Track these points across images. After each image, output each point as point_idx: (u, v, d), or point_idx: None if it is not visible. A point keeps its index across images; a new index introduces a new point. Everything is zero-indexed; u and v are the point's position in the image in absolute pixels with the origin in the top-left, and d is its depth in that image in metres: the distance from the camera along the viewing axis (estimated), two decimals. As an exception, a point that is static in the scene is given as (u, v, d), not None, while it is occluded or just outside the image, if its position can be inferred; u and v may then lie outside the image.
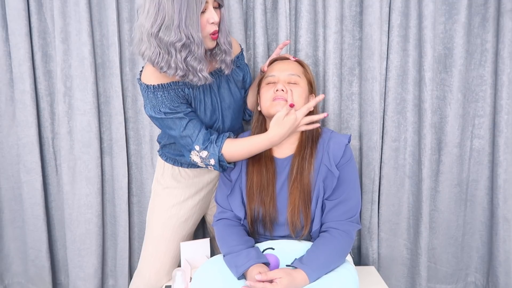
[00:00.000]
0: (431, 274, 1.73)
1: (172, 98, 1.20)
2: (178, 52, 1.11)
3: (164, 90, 1.20)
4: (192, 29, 1.09)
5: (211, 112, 1.29)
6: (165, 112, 1.20)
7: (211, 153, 1.21)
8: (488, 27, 1.56)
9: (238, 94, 1.36)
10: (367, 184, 1.64)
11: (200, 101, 1.27)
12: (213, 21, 1.13)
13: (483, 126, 1.63)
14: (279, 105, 1.20)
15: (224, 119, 1.33)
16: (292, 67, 1.28)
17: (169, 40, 1.09)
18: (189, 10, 1.07)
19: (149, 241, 1.44)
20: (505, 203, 1.59)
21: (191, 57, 1.13)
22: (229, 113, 1.34)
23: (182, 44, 1.10)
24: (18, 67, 1.61)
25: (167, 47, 1.11)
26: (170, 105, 1.20)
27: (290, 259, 1.16)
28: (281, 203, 1.24)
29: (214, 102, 1.29)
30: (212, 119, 1.30)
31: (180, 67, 1.13)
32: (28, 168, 1.68)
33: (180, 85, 1.22)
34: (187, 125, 1.21)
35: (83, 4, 1.54)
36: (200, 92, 1.26)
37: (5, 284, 1.83)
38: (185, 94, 1.23)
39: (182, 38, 1.09)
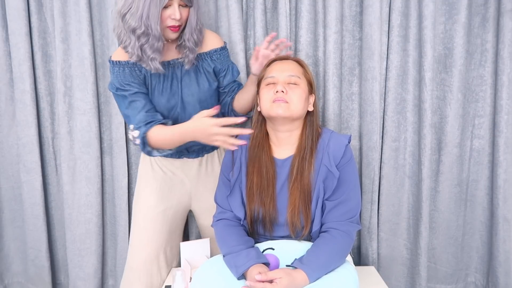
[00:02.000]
0: (431, 274, 1.73)
1: (125, 75, 1.29)
2: (136, 38, 1.20)
3: (120, 66, 1.29)
4: (152, 22, 1.17)
5: (168, 96, 1.33)
6: (116, 88, 1.30)
7: (139, 134, 1.26)
8: (488, 27, 1.56)
9: (206, 85, 1.37)
10: (367, 184, 1.64)
11: (157, 83, 1.32)
12: (174, 18, 1.21)
13: (483, 126, 1.63)
14: (280, 107, 1.21)
15: (186, 105, 1.35)
16: (291, 68, 1.28)
17: (131, 25, 1.19)
18: (152, 3, 1.16)
19: (133, 232, 1.46)
20: (505, 203, 1.59)
21: (147, 45, 1.21)
22: (193, 102, 1.35)
23: (141, 32, 1.19)
24: (18, 67, 1.62)
25: (130, 31, 1.20)
26: (121, 81, 1.29)
27: (290, 259, 1.16)
28: (281, 203, 1.24)
29: (175, 88, 1.33)
30: (170, 103, 1.34)
31: (135, 52, 1.22)
32: (28, 168, 1.69)
33: (138, 65, 1.29)
34: (129, 105, 1.29)
35: (83, 4, 1.54)
36: (159, 75, 1.32)
37: (5, 284, 1.84)
38: (142, 74, 1.30)
39: (142, 27, 1.18)
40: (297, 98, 1.22)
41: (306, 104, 1.26)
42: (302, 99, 1.24)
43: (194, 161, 1.47)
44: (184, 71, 1.34)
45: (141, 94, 1.29)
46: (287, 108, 1.21)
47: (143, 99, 1.29)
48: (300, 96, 1.23)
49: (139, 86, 1.30)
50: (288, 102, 1.21)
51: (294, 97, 1.22)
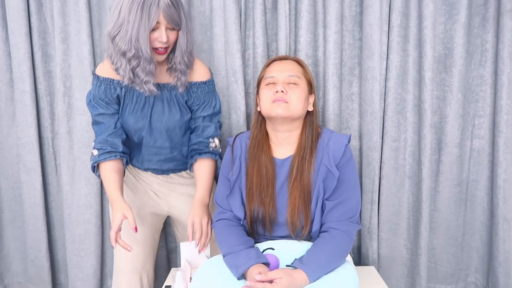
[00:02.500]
0: (431, 274, 1.73)
1: (99, 91, 1.30)
2: (127, 61, 1.20)
3: (98, 81, 1.30)
4: (142, 44, 1.17)
5: (137, 117, 1.33)
6: (90, 100, 1.32)
7: (95, 156, 1.31)
8: (488, 27, 1.56)
9: (177, 116, 1.35)
10: (367, 184, 1.64)
11: (129, 103, 1.32)
12: (161, 40, 1.20)
13: (483, 126, 1.63)
14: (279, 107, 1.20)
15: (153, 130, 1.35)
16: (291, 68, 1.28)
17: (121, 48, 1.19)
18: (141, 26, 1.16)
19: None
20: (505, 203, 1.59)
21: (139, 68, 1.21)
22: (160, 128, 1.35)
23: (132, 55, 1.19)
24: (18, 67, 1.61)
25: (119, 54, 1.21)
26: (94, 96, 1.31)
27: (290, 259, 1.16)
28: (281, 203, 1.24)
29: (145, 112, 1.33)
30: (138, 125, 1.34)
31: (126, 75, 1.22)
32: (28, 168, 1.68)
33: (114, 83, 1.29)
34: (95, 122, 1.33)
35: (82, 4, 1.54)
36: (133, 96, 1.32)
37: (5, 284, 1.83)
38: (116, 92, 1.30)
39: (132, 50, 1.18)
40: (297, 98, 1.22)
41: (306, 104, 1.26)
42: (302, 99, 1.24)
43: (158, 176, 1.47)
44: (158, 97, 1.33)
45: (106, 116, 1.31)
46: (287, 108, 1.21)
47: (107, 121, 1.31)
48: (300, 96, 1.23)
49: (107, 106, 1.31)
50: (288, 102, 1.21)
51: (293, 97, 1.22)
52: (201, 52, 1.61)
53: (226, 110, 1.62)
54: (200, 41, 1.61)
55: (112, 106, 1.32)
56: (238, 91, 1.57)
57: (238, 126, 1.60)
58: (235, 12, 1.52)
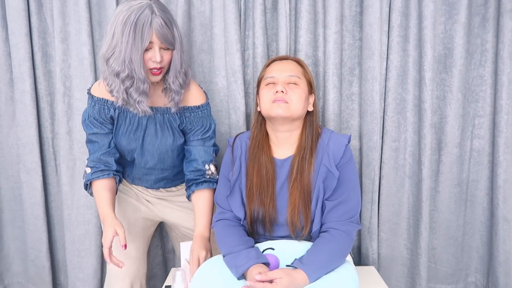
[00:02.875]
0: (431, 274, 1.73)
1: (93, 111, 1.30)
2: (121, 82, 1.19)
3: (92, 101, 1.31)
4: (136, 65, 1.17)
5: (130, 139, 1.33)
6: (84, 118, 1.32)
7: (87, 174, 1.31)
8: (488, 27, 1.56)
9: (170, 140, 1.34)
10: (367, 184, 1.64)
11: (122, 125, 1.32)
12: (155, 60, 1.19)
13: (483, 126, 1.63)
14: (279, 107, 1.20)
15: (144, 152, 1.35)
16: (291, 68, 1.28)
17: (115, 69, 1.18)
18: (134, 47, 1.15)
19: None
20: (505, 203, 1.59)
21: (132, 88, 1.20)
22: (152, 151, 1.35)
23: (125, 76, 1.18)
24: (18, 67, 1.61)
25: (113, 75, 1.20)
26: (89, 115, 1.31)
27: (290, 259, 1.16)
28: (281, 203, 1.24)
29: (138, 134, 1.33)
30: (130, 146, 1.34)
31: (120, 96, 1.21)
32: (28, 168, 1.68)
33: (108, 104, 1.29)
34: (89, 141, 1.34)
35: (82, 4, 1.54)
36: (126, 118, 1.31)
37: (5, 284, 1.83)
38: (109, 113, 1.30)
39: (125, 71, 1.17)
40: (297, 98, 1.22)
41: (306, 104, 1.26)
42: (302, 99, 1.24)
43: (148, 190, 1.47)
44: (151, 120, 1.32)
45: (100, 136, 1.32)
46: (287, 108, 1.21)
47: (100, 140, 1.32)
48: (300, 96, 1.23)
49: (101, 126, 1.31)
50: (288, 102, 1.21)
51: (294, 97, 1.22)
52: (201, 52, 1.61)
53: (226, 110, 1.62)
54: (200, 41, 1.60)
55: (106, 126, 1.32)
56: (238, 91, 1.57)
57: (238, 126, 1.60)
58: (234, 12, 1.52)
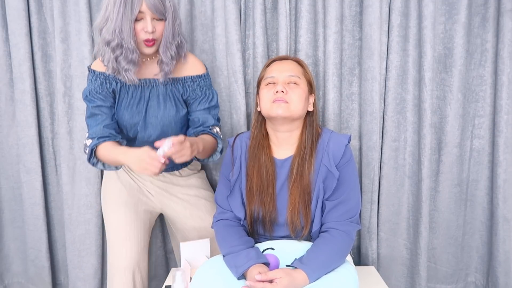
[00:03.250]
0: (431, 274, 1.73)
1: (95, 86, 1.31)
2: (111, 51, 1.22)
3: (93, 75, 1.32)
4: (125, 35, 1.20)
5: (133, 113, 1.33)
6: (86, 95, 1.32)
7: (91, 144, 1.29)
8: (488, 27, 1.56)
9: (173, 111, 1.35)
10: (367, 184, 1.64)
11: (125, 98, 1.33)
12: (147, 31, 1.21)
13: (483, 126, 1.63)
14: (279, 107, 1.20)
15: (147, 125, 1.35)
16: (291, 68, 1.28)
17: (106, 38, 1.22)
18: (124, 17, 1.18)
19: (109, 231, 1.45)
20: (505, 203, 1.59)
21: (121, 57, 1.23)
22: (155, 123, 1.35)
23: (115, 45, 1.21)
24: (18, 67, 1.62)
25: (104, 45, 1.23)
26: (91, 90, 1.31)
27: (290, 259, 1.16)
28: (281, 203, 1.24)
29: (141, 107, 1.33)
30: (133, 120, 1.34)
31: (110, 65, 1.25)
32: (28, 168, 1.68)
33: (110, 78, 1.31)
34: (91, 115, 1.32)
35: (82, 4, 1.54)
36: (128, 91, 1.33)
37: (5, 284, 1.83)
38: (111, 87, 1.31)
39: (115, 40, 1.20)
40: (297, 98, 1.22)
41: (306, 104, 1.26)
42: (302, 99, 1.24)
43: (152, 178, 1.47)
44: (153, 92, 1.33)
45: (103, 108, 1.31)
46: (287, 108, 1.21)
47: (104, 113, 1.31)
48: (300, 96, 1.23)
49: (104, 99, 1.31)
50: (288, 102, 1.21)
51: (294, 97, 1.22)
52: (202, 53, 1.61)
53: (227, 110, 1.62)
54: (201, 41, 1.61)
55: (109, 99, 1.32)
56: (238, 91, 1.57)
57: (239, 126, 1.60)
58: (235, 12, 1.52)
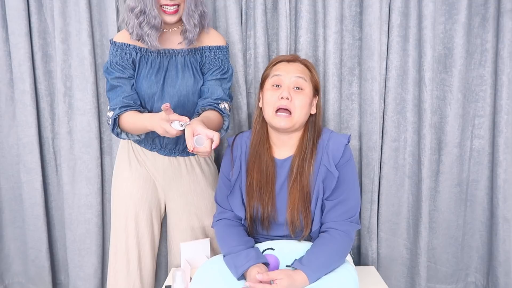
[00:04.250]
0: (431, 274, 1.73)
1: (115, 57, 1.33)
2: (135, 17, 1.27)
3: (115, 46, 1.34)
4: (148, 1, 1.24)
5: (151, 82, 1.34)
6: (107, 67, 1.34)
7: (114, 114, 1.29)
8: (488, 27, 1.56)
9: (191, 81, 1.35)
10: (367, 184, 1.64)
11: (143, 68, 1.35)
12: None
13: (483, 126, 1.63)
14: (282, 121, 1.20)
15: (164, 95, 1.34)
16: (299, 70, 1.25)
17: (130, 5, 1.27)
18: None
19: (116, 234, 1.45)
20: (505, 203, 1.59)
21: (144, 23, 1.27)
22: (172, 93, 1.34)
23: (139, 11, 1.26)
24: (18, 67, 1.62)
25: (128, 11, 1.28)
26: (111, 61, 1.33)
27: (290, 259, 1.16)
28: (280, 203, 1.24)
29: (159, 76, 1.35)
30: (151, 90, 1.34)
31: (134, 31, 1.29)
32: (28, 168, 1.69)
33: (130, 48, 1.34)
34: (111, 88, 1.33)
35: (83, 4, 1.54)
36: (148, 61, 1.35)
37: (5, 284, 1.84)
38: (131, 57, 1.34)
39: (138, 6, 1.25)
40: (301, 107, 1.21)
41: (309, 109, 1.25)
42: (306, 106, 1.23)
43: (165, 158, 1.43)
44: (172, 62, 1.36)
45: (122, 80, 1.32)
46: (290, 121, 1.20)
47: (123, 84, 1.32)
48: (304, 103, 1.22)
49: (123, 70, 1.32)
50: (292, 111, 1.20)
51: (298, 104, 1.21)
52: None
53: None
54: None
55: (128, 70, 1.34)
56: (240, 91, 1.57)
57: (240, 125, 1.60)
58: (236, 12, 1.52)
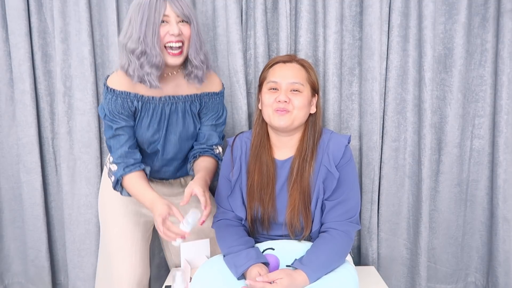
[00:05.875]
0: (431, 274, 1.73)
1: (116, 105, 1.26)
2: (136, 58, 1.20)
3: (114, 95, 1.26)
4: (149, 40, 1.18)
5: (154, 131, 1.33)
6: (105, 114, 1.27)
7: (117, 171, 1.27)
8: (488, 27, 1.56)
9: (192, 127, 1.37)
10: (367, 184, 1.64)
11: (145, 117, 1.31)
12: (172, 33, 1.19)
13: (483, 126, 1.63)
14: (281, 119, 1.20)
15: (166, 143, 1.35)
16: (295, 74, 1.24)
17: (131, 47, 1.20)
18: (149, 21, 1.17)
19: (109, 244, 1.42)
20: (505, 203, 1.59)
21: (145, 62, 1.20)
22: (174, 140, 1.36)
23: (140, 51, 1.19)
24: (18, 67, 1.61)
25: (129, 54, 1.21)
26: (112, 110, 1.26)
27: (290, 259, 1.16)
28: (280, 204, 1.24)
29: (161, 124, 1.33)
30: (154, 138, 1.34)
31: (135, 73, 1.22)
32: (28, 168, 1.68)
33: (131, 97, 1.27)
34: (113, 137, 1.28)
35: (83, 4, 1.54)
36: (149, 109, 1.30)
37: (5, 284, 1.83)
38: (133, 106, 1.28)
39: (139, 46, 1.19)
40: (299, 107, 1.21)
41: (308, 110, 1.25)
42: (305, 107, 1.22)
43: (164, 184, 1.47)
44: (173, 109, 1.33)
45: (127, 128, 1.29)
46: (289, 119, 1.20)
47: (127, 133, 1.29)
48: (302, 104, 1.22)
49: (127, 119, 1.29)
50: (290, 111, 1.20)
51: (296, 104, 1.21)
52: (203, 53, 1.60)
53: (229, 110, 1.62)
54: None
55: (131, 118, 1.30)
56: (240, 91, 1.57)
57: (240, 126, 1.60)
58: (236, 12, 1.52)
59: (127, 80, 1.26)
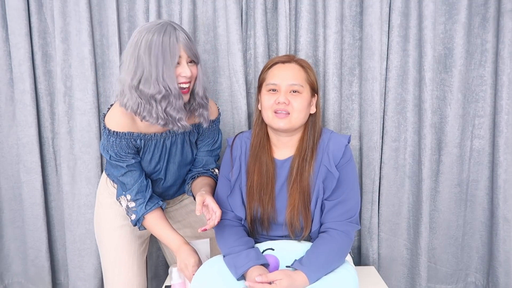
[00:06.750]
0: (431, 274, 1.73)
1: (121, 146, 1.25)
2: (158, 103, 1.16)
3: (117, 137, 1.25)
4: (169, 82, 1.15)
5: (156, 163, 1.35)
6: (110, 156, 1.26)
7: (137, 210, 1.29)
8: (488, 27, 1.56)
9: (190, 156, 1.40)
10: (367, 184, 1.64)
11: (148, 152, 1.32)
12: (185, 75, 1.18)
13: (483, 126, 1.63)
14: (281, 121, 1.20)
15: (167, 173, 1.38)
16: (294, 76, 1.23)
17: (149, 92, 1.15)
18: (165, 64, 1.14)
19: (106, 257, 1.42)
20: (505, 203, 1.59)
21: (170, 107, 1.17)
22: (174, 169, 1.38)
23: (162, 96, 1.15)
24: (18, 67, 1.61)
25: (148, 99, 1.16)
26: (117, 152, 1.26)
27: (290, 259, 1.16)
28: (280, 204, 1.24)
29: (163, 156, 1.34)
30: (155, 169, 1.36)
31: (161, 116, 1.18)
32: (28, 168, 1.68)
33: (134, 136, 1.27)
34: (125, 174, 1.28)
35: (83, 4, 1.54)
36: (152, 145, 1.31)
37: (5, 284, 1.83)
38: (136, 144, 1.29)
39: (162, 91, 1.14)
40: (299, 108, 1.21)
41: (308, 111, 1.25)
42: (304, 107, 1.22)
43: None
44: (173, 141, 1.34)
45: (137, 164, 1.30)
46: (289, 121, 1.20)
47: (138, 169, 1.30)
48: (302, 105, 1.21)
49: (135, 156, 1.29)
50: (290, 113, 1.20)
51: (296, 106, 1.21)
52: (204, 53, 1.60)
53: (229, 110, 1.62)
54: (203, 41, 1.61)
55: (137, 154, 1.31)
56: (240, 91, 1.57)
57: (240, 126, 1.60)
58: (236, 12, 1.52)
59: (126, 117, 1.24)
